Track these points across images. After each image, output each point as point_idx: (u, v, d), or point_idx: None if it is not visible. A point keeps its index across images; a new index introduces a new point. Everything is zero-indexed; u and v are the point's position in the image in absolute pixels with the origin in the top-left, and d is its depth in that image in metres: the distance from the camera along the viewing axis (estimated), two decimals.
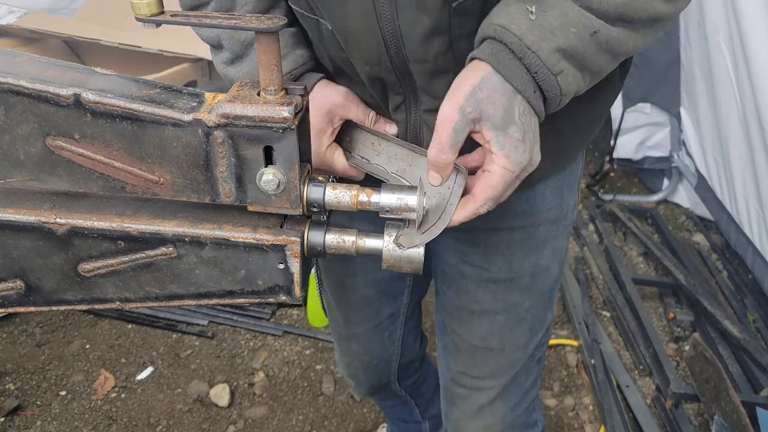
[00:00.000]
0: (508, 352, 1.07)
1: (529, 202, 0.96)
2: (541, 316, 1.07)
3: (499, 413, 1.11)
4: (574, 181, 1.02)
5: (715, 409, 1.71)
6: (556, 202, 0.98)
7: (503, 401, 1.11)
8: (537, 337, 1.08)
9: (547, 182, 0.96)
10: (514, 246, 0.99)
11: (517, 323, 1.05)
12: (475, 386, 1.11)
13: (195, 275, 0.63)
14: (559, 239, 1.02)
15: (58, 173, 0.60)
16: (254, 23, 0.54)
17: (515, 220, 0.97)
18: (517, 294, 1.02)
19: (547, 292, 1.06)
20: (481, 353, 1.08)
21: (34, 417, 1.85)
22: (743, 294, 2.33)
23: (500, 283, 1.01)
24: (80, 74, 0.59)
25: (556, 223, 1.00)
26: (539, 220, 0.98)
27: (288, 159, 0.57)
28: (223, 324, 2.18)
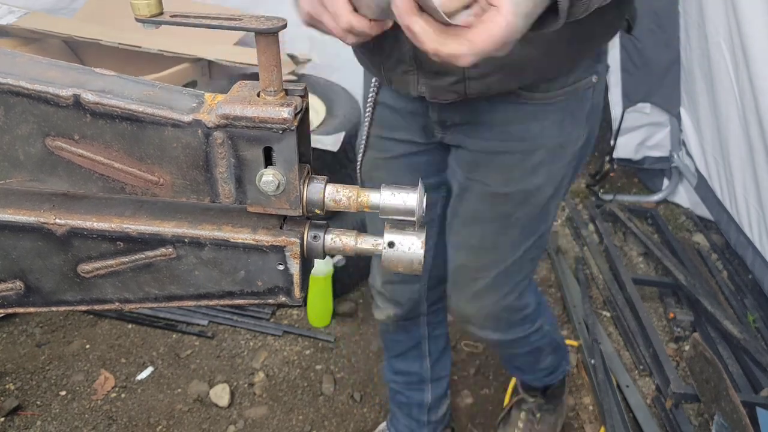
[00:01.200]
0: (500, 251, 1.26)
1: (529, 131, 1.09)
2: (533, 226, 1.23)
3: (492, 298, 1.32)
4: (578, 116, 1.11)
5: (715, 409, 1.71)
6: (554, 133, 1.10)
7: (495, 289, 1.31)
8: (528, 242, 1.25)
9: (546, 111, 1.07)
10: (512, 167, 1.13)
11: (509, 228, 1.22)
12: (472, 276, 1.31)
13: (194, 276, 0.63)
14: (556, 165, 1.14)
15: (58, 174, 0.60)
16: (254, 24, 0.54)
17: (514, 145, 1.11)
18: (511, 206, 1.18)
19: (540, 207, 1.20)
20: (477, 251, 1.28)
21: (34, 417, 1.85)
22: (743, 294, 2.33)
23: (497, 196, 1.18)
24: (80, 75, 0.59)
25: (554, 151, 1.12)
26: (535, 146, 1.11)
27: (288, 160, 0.57)
28: (223, 324, 2.18)
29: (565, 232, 2.76)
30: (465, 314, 1.38)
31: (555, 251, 2.56)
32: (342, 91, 2.31)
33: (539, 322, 1.47)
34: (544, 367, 1.63)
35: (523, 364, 1.64)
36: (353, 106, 2.23)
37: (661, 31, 2.58)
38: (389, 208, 0.61)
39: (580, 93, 1.09)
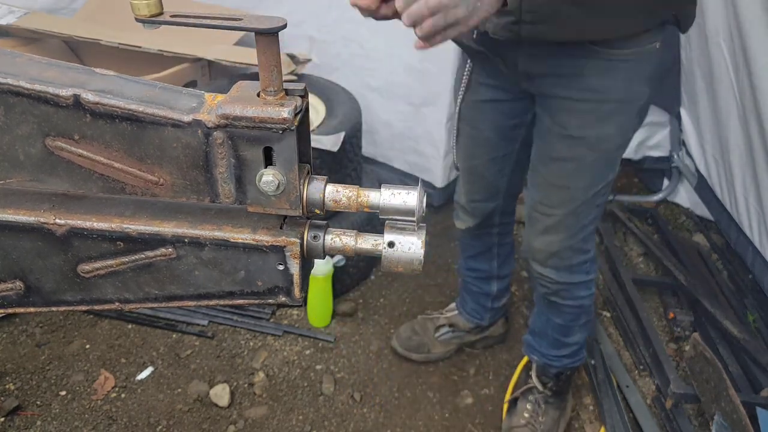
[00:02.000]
0: (572, 190, 1.43)
1: (603, 83, 1.27)
2: (602, 170, 1.41)
3: (560, 235, 1.50)
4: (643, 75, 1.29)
5: (715, 409, 1.71)
6: (623, 86, 1.28)
7: (564, 227, 1.48)
8: (597, 187, 1.42)
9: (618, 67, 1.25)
10: (587, 113, 1.32)
11: (582, 170, 1.39)
12: (545, 212, 1.49)
13: (194, 276, 0.63)
14: (624, 116, 1.34)
15: (58, 174, 0.61)
16: (254, 24, 0.54)
17: (589, 95, 1.29)
18: (585, 149, 1.36)
19: (610, 153, 1.39)
20: (552, 188, 1.46)
21: (34, 417, 1.85)
22: (743, 294, 2.33)
23: (574, 139, 1.35)
24: (80, 75, 0.59)
25: (622, 103, 1.31)
26: (607, 98, 1.29)
27: (288, 160, 0.57)
28: (223, 324, 2.18)
29: None
30: (533, 248, 1.56)
31: None
32: (342, 91, 2.31)
33: (593, 275, 1.63)
34: (572, 342, 1.74)
35: (556, 332, 1.73)
36: (353, 106, 2.23)
37: None
38: (389, 209, 0.61)
39: (645, 55, 1.26)
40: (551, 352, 1.78)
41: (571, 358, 1.78)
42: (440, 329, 2.08)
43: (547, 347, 1.79)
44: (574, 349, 1.77)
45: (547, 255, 1.54)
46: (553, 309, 1.70)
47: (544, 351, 1.80)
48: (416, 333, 2.09)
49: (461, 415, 1.92)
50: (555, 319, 1.72)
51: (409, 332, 2.10)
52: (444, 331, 2.08)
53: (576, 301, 1.64)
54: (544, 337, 1.78)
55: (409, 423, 1.89)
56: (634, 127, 1.39)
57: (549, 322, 1.74)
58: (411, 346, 2.07)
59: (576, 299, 1.64)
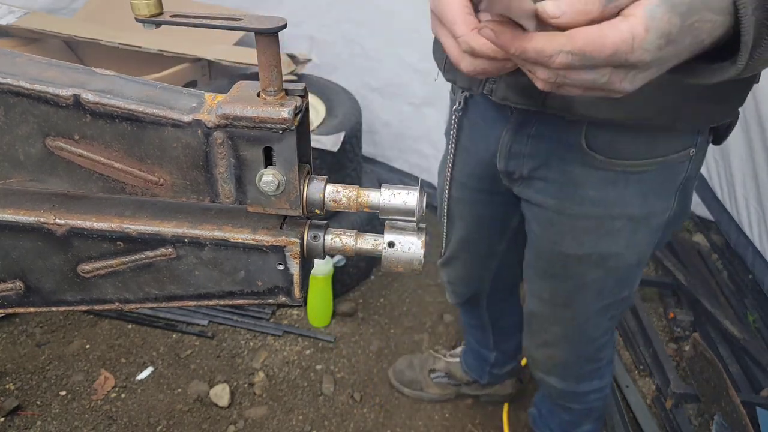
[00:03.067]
0: (573, 309, 1.17)
1: (605, 197, 0.96)
2: (611, 287, 1.12)
3: (563, 350, 1.28)
4: (667, 188, 0.97)
5: (715, 409, 1.71)
6: (637, 203, 0.97)
7: (566, 343, 1.25)
8: (605, 301, 1.14)
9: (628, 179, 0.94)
10: (587, 232, 1.02)
11: (584, 289, 1.12)
12: (543, 326, 1.26)
13: (194, 276, 0.63)
14: (638, 234, 1.02)
15: (58, 174, 0.60)
16: (254, 24, 0.54)
17: (589, 209, 0.98)
18: (586, 267, 1.08)
19: (619, 272, 1.09)
20: (548, 305, 1.21)
21: (34, 417, 1.85)
22: (743, 294, 2.33)
23: (570, 258, 1.07)
24: (80, 75, 0.59)
25: (637, 221, 1.00)
26: (615, 214, 0.98)
27: (288, 160, 0.57)
28: (223, 324, 2.18)
29: None
30: (533, 358, 1.37)
31: None
32: (342, 91, 2.31)
33: (606, 380, 1.42)
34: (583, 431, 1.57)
35: (564, 424, 1.56)
36: (353, 106, 2.23)
37: None
38: (389, 209, 0.61)
39: (672, 166, 0.94)
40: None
41: None
42: (435, 372, 1.94)
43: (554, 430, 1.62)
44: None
45: (552, 366, 1.33)
46: (559, 408, 1.52)
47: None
48: (412, 368, 1.98)
49: (461, 415, 1.92)
50: (562, 415, 1.54)
51: (405, 365, 1.99)
52: (438, 375, 1.94)
53: (586, 405, 1.45)
54: (550, 421, 1.61)
55: (409, 423, 1.89)
56: (655, 242, 1.07)
57: (555, 414, 1.57)
58: (404, 381, 1.97)
59: (586, 403, 1.44)
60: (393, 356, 2.10)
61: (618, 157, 0.92)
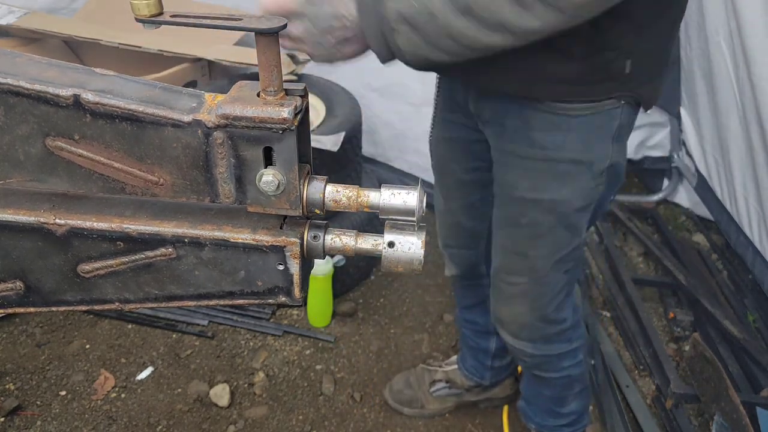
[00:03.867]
0: (531, 259, 1.27)
1: (552, 140, 1.11)
2: (564, 236, 1.23)
3: (526, 305, 1.34)
4: (605, 134, 1.11)
5: (715, 409, 1.71)
6: (579, 147, 1.11)
7: (529, 297, 1.33)
8: (560, 254, 1.25)
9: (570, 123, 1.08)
10: (539, 173, 1.15)
11: (539, 237, 1.23)
12: (506, 281, 1.34)
13: (194, 276, 0.63)
14: (582, 178, 1.15)
15: (58, 174, 0.61)
16: (254, 24, 0.54)
17: (540, 152, 1.12)
18: (539, 212, 1.19)
19: (570, 217, 1.20)
20: (510, 255, 1.30)
21: (34, 417, 1.85)
22: (743, 294, 2.33)
23: (525, 201, 1.19)
24: (80, 75, 0.59)
25: (580, 164, 1.13)
26: (560, 157, 1.12)
27: (288, 160, 0.57)
28: (223, 324, 2.18)
29: None
30: (500, 319, 1.41)
31: None
32: (342, 91, 2.31)
33: (576, 343, 1.46)
34: (568, 412, 1.59)
35: (549, 402, 1.59)
36: (353, 106, 2.23)
37: None
38: (389, 209, 0.61)
39: (606, 111, 1.08)
40: (548, 422, 1.64)
41: (571, 427, 1.63)
42: (436, 384, 1.91)
43: (542, 416, 1.65)
44: (573, 418, 1.62)
45: (517, 327, 1.39)
46: (539, 381, 1.55)
47: (540, 421, 1.66)
48: (410, 386, 1.93)
49: (461, 416, 1.92)
50: (544, 391, 1.57)
51: (402, 384, 1.94)
52: (440, 387, 1.90)
53: (562, 372, 1.49)
54: (537, 405, 1.65)
55: (409, 423, 1.89)
56: (602, 191, 1.20)
57: (539, 393, 1.60)
58: (403, 400, 1.91)
59: (561, 370, 1.48)
60: (393, 356, 2.10)
61: (560, 100, 1.07)
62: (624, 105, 1.09)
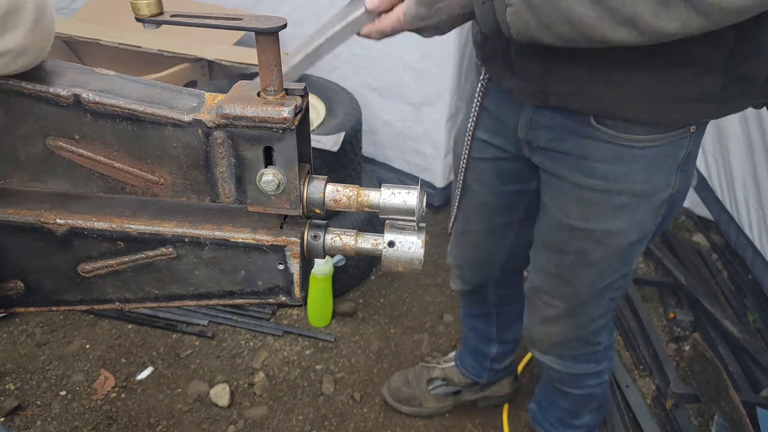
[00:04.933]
0: (575, 285, 1.23)
1: (613, 171, 1.05)
2: (612, 265, 1.19)
3: (563, 328, 1.31)
4: (670, 164, 1.06)
5: (715, 409, 1.71)
6: (641, 179, 1.06)
7: (568, 320, 1.29)
8: (606, 281, 1.22)
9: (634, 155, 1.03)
10: (593, 204, 1.11)
11: (586, 266, 1.19)
12: (545, 301, 1.30)
13: (195, 276, 0.63)
14: (640, 210, 1.10)
15: (58, 174, 0.61)
16: (254, 24, 0.54)
17: (597, 183, 1.08)
18: (588, 243, 1.15)
19: (621, 250, 1.16)
20: (553, 279, 1.26)
21: (34, 417, 1.85)
22: (743, 294, 2.33)
23: (575, 230, 1.15)
24: (80, 75, 0.59)
25: (640, 197, 1.08)
26: (620, 189, 1.07)
27: (288, 159, 0.57)
28: (223, 324, 2.18)
29: None
30: (532, 337, 1.39)
31: None
32: (342, 91, 2.31)
33: (604, 365, 1.44)
34: (581, 424, 1.58)
35: (563, 413, 1.57)
36: (353, 106, 2.23)
37: None
38: (389, 208, 0.61)
39: (675, 141, 1.02)
40: (558, 431, 1.62)
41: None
42: (433, 381, 1.90)
43: (553, 425, 1.62)
44: (584, 431, 1.59)
45: (549, 345, 1.37)
46: (558, 393, 1.53)
47: (549, 428, 1.63)
48: (408, 384, 1.91)
49: (461, 415, 1.92)
50: (562, 402, 1.55)
51: (400, 382, 1.93)
52: (437, 384, 1.89)
53: (584, 390, 1.47)
54: (551, 414, 1.62)
55: (409, 423, 1.89)
56: (659, 221, 1.15)
57: (555, 402, 1.58)
58: (401, 398, 1.90)
59: (584, 388, 1.46)
60: (393, 356, 2.10)
61: (625, 132, 1.01)
62: (694, 133, 1.02)
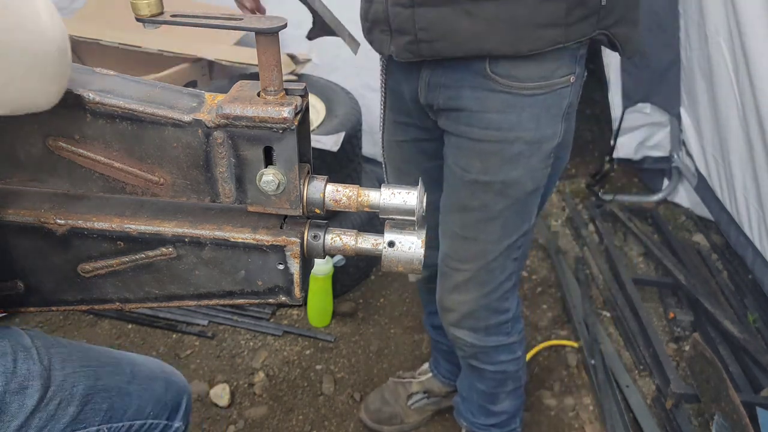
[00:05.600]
0: (481, 243, 1.27)
1: (506, 120, 1.13)
2: (514, 220, 1.25)
3: (472, 293, 1.34)
4: (555, 112, 1.15)
5: (715, 409, 1.71)
6: (531, 126, 1.14)
7: (476, 284, 1.32)
8: (510, 239, 1.27)
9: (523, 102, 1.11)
10: (491, 155, 1.17)
11: (490, 220, 1.24)
12: (454, 267, 1.33)
13: (195, 276, 0.63)
14: (533, 159, 1.18)
15: (59, 173, 0.61)
16: (254, 23, 0.54)
17: (492, 133, 1.15)
18: (490, 195, 1.21)
19: (521, 201, 1.23)
20: (459, 240, 1.30)
21: None
22: (743, 294, 2.33)
23: (477, 184, 1.20)
24: (80, 75, 0.59)
25: (531, 144, 1.16)
26: (512, 137, 1.14)
27: (288, 159, 0.57)
28: (223, 324, 2.18)
29: (565, 232, 2.76)
30: (445, 306, 1.40)
31: (555, 251, 2.56)
32: (342, 91, 2.31)
33: (514, 337, 1.47)
34: (500, 410, 1.58)
35: (482, 398, 1.58)
36: (353, 106, 2.23)
37: (661, 31, 2.57)
38: (389, 208, 0.61)
39: (557, 90, 1.13)
40: (479, 420, 1.62)
41: (501, 428, 1.62)
42: (413, 396, 1.86)
43: (474, 414, 1.62)
44: (504, 418, 1.60)
45: (460, 316, 1.38)
46: (475, 373, 1.54)
47: (471, 418, 1.63)
48: (387, 403, 1.86)
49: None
50: (478, 384, 1.56)
51: (378, 402, 1.87)
52: (418, 398, 1.86)
53: (497, 366, 1.48)
54: (470, 402, 1.62)
55: None
56: (550, 171, 1.23)
57: (473, 387, 1.58)
58: (382, 419, 1.84)
59: (497, 364, 1.48)
60: (393, 356, 2.10)
61: (514, 80, 1.10)
62: (573, 83, 1.14)
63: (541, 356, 2.12)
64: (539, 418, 1.92)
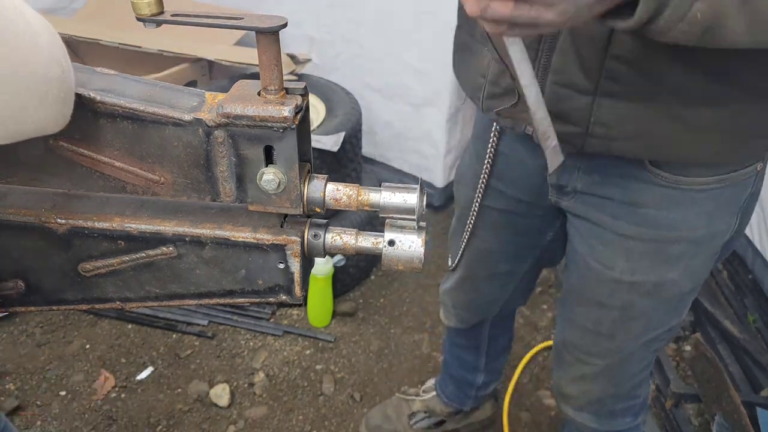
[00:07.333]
0: (618, 341, 1.09)
1: (666, 218, 0.92)
2: (660, 318, 1.06)
3: (600, 385, 1.17)
4: (733, 206, 0.94)
5: (716, 409, 1.71)
6: (700, 224, 0.93)
7: (606, 378, 1.15)
8: (652, 334, 1.08)
9: (694, 198, 0.90)
10: (642, 256, 0.96)
11: (632, 320, 1.05)
12: (581, 359, 1.15)
13: (195, 275, 0.63)
14: (697, 258, 0.98)
15: (59, 173, 0.61)
16: (255, 23, 0.54)
17: (647, 232, 0.93)
18: (635, 296, 1.01)
19: (671, 301, 1.04)
20: (591, 335, 1.11)
21: (34, 417, 1.85)
22: (743, 294, 2.33)
23: (621, 284, 1.01)
24: (81, 74, 0.59)
25: (697, 244, 0.95)
26: (673, 237, 0.94)
27: (288, 158, 0.57)
28: (223, 324, 2.18)
29: None
30: (566, 393, 1.25)
31: None
32: (342, 91, 2.31)
33: (641, 418, 1.30)
34: None
35: None
36: (353, 106, 2.23)
37: None
38: (390, 207, 0.61)
39: (741, 181, 0.91)
40: None
41: None
42: (415, 416, 1.81)
43: None
44: None
45: (584, 402, 1.22)
46: None
47: None
48: (389, 419, 1.82)
49: None
50: None
51: (380, 418, 1.83)
52: (419, 418, 1.81)
53: None
54: None
55: None
56: (712, 266, 1.03)
57: None
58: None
59: None
60: (393, 356, 2.10)
61: (684, 174, 0.89)
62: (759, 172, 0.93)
63: (541, 356, 2.12)
64: (539, 418, 1.92)
